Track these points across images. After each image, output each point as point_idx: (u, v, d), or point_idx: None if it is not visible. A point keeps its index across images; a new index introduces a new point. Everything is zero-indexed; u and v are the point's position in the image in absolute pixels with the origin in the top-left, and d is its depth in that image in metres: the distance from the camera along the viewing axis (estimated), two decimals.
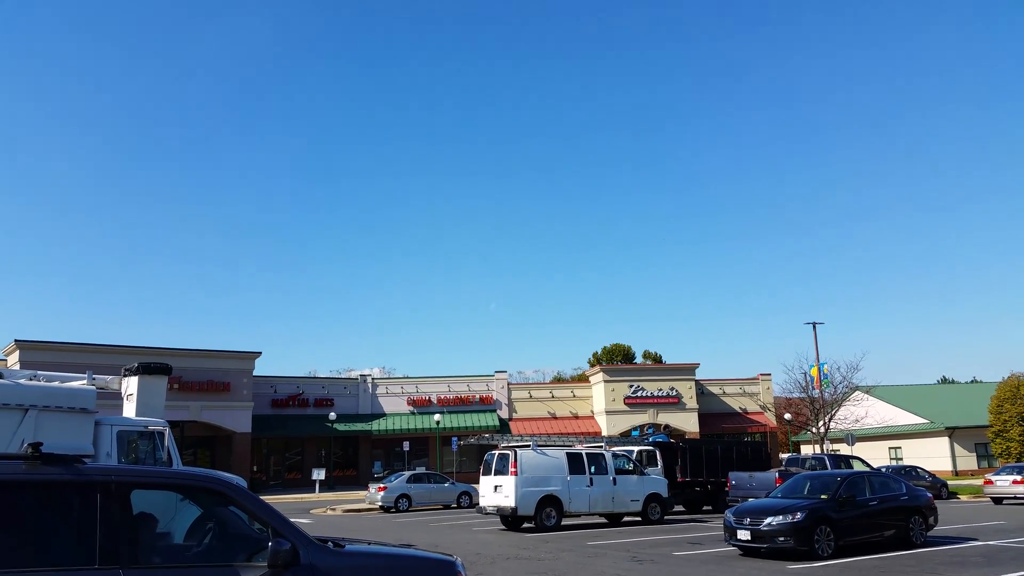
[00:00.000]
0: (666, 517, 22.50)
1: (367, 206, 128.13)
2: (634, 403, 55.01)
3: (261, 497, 4.73)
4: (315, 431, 50.63)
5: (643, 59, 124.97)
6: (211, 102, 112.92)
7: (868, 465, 28.24)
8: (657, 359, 69.83)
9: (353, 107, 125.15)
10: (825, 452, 36.79)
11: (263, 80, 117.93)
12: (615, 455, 22.58)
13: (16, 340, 40.71)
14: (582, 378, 64.47)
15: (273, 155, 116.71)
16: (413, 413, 53.89)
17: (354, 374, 63.96)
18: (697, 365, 57.41)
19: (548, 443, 26.64)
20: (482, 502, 21.26)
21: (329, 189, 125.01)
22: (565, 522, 20.97)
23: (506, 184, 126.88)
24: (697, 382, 57.44)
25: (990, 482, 28.64)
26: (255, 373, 48.41)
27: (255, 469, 48.49)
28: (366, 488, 33.81)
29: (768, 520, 13.75)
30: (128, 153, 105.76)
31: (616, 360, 69.82)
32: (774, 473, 24.31)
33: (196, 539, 4.59)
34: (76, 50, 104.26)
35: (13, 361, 39.84)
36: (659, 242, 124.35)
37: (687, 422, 54.89)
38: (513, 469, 19.97)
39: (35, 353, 39.31)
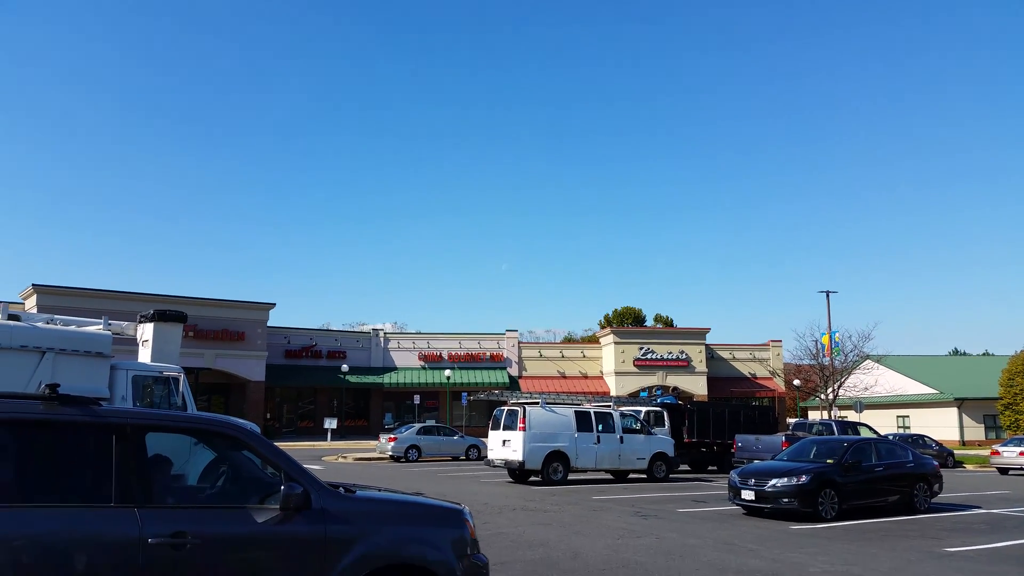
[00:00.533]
0: (671, 476, 22.76)
1: (383, 164, 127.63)
2: (643, 365, 55.26)
3: (274, 443, 4.80)
4: (328, 382, 51.33)
5: (663, 26, 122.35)
6: (221, 57, 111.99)
7: (875, 432, 28.33)
8: (668, 323, 69.83)
9: (366, 64, 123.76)
10: (833, 418, 36.90)
11: (273, 33, 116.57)
12: (623, 414, 22.73)
13: (34, 284, 41.17)
14: (592, 339, 64.66)
15: (288, 110, 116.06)
16: (424, 368, 54.39)
17: (367, 328, 64.48)
18: (708, 330, 57.44)
19: (557, 401, 26.86)
20: (490, 455, 21.56)
21: (345, 146, 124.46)
22: (571, 477, 21.26)
23: (520, 146, 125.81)
24: (707, 346, 57.54)
25: (997, 453, 28.73)
26: (269, 324, 48.84)
27: (268, 416, 49.26)
28: (377, 438, 34.28)
29: (773, 481, 13.87)
30: (142, 107, 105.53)
31: (627, 322, 69.85)
32: (781, 437, 24.44)
33: (210, 481, 4.68)
34: (86, 7, 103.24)
35: (30, 305, 40.38)
36: (674, 207, 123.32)
37: (696, 385, 55.17)
38: (522, 425, 20.20)
39: (52, 298, 39.81)
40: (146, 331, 15.48)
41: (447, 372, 49.61)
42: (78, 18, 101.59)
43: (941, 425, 49.25)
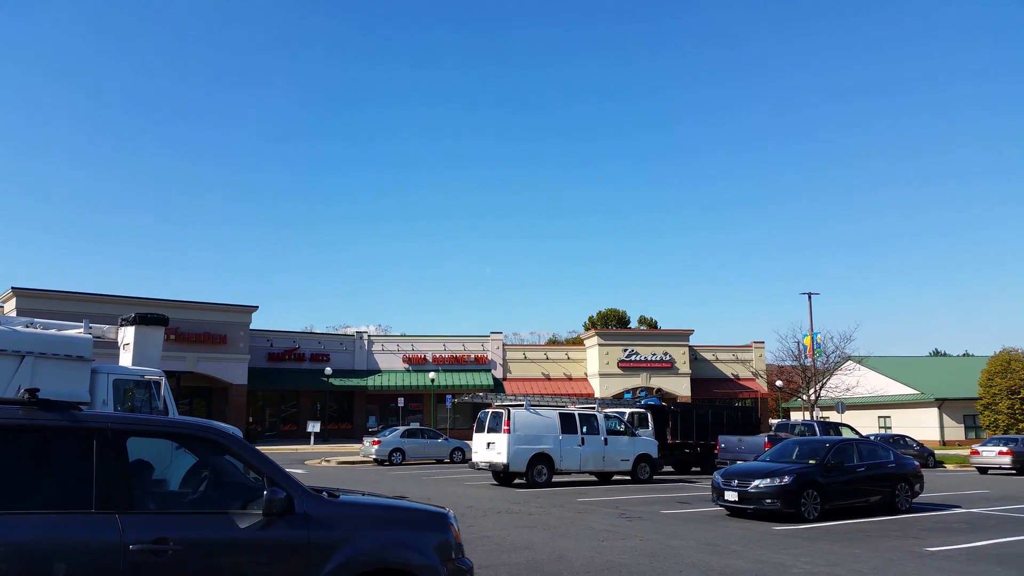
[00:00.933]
0: (655, 477, 22.85)
1: (366, 167, 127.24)
2: (627, 367, 55.40)
3: (256, 447, 4.76)
4: (311, 385, 51.08)
5: (646, 28, 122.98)
6: (207, 59, 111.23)
7: (857, 432, 28.59)
8: (652, 324, 70.16)
9: (350, 68, 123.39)
10: (815, 419, 37.21)
11: (260, 37, 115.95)
12: (607, 416, 22.74)
13: (13, 288, 40.64)
14: (577, 341, 64.79)
15: (272, 113, 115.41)
16: (408, 371, 54.23)
17: (350, 331, 64.24)
18: (691, 331, 57.78)
19: (541, 403, 26.86)
20: (475, 458, 21.56)
21: (328, 150, 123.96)
22: (556, 479, 21.29)
23: (504, 148, 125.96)
24: (691, 348, 57.82)
25: (976, 452, 29.09)
26: (252, 327, 48.52)
27: (251, 420, 48.90)
28: (360, 441, 34.02)
29: (756, 482, 13.96)
30: (125, 108, 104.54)
31: (611, 324, 70.09)
32: (763, 437, 24.60)
33: (191, 487, 4.63)
34: (69, 7, 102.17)
35: (10, 308, 39.84)
36: (656, 210, 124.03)
37: (679, 386, 55.41)
38: (506, 427, 20.17)
39: (32, 301, 39.29)
40: (127, 334, 15.34)
41: (431, 374, 49.51)
42: (60, 19, 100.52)
43: (922, 425, 49.80)
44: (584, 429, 21.31)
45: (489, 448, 20.72)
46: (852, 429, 29.25)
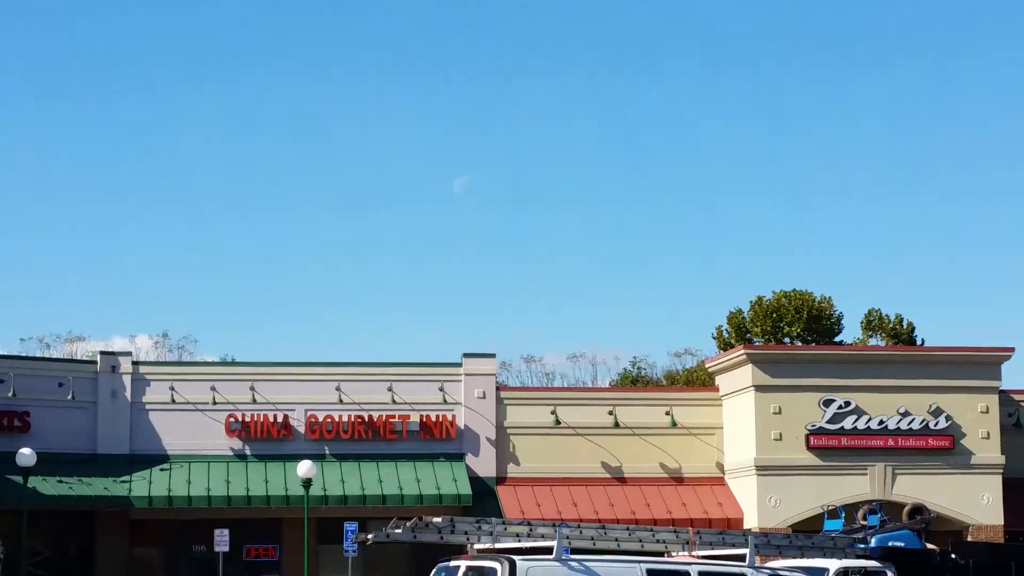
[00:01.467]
0: None
1: None
2: (833, 447, 26.75)
3: None
4: None
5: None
6: None
7: None
8: (898, 334, 34.08)
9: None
10: None
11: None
12: None
13: None
14: (692, 376, 37.10)
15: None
16: (243, 457, 26.23)
17: (87, 351, 37.79)
18: (1008, 352, 27.53)
19: (599, 544, 11.55)
20: None
21: None
22: None
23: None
24: (1004, 395, 27.91)
25: None
26: None
27: None
28: None
29: None
30: None
31: (784, 331, 36.06)
32: None
33: None
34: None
35: None
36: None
37: (972, 499, 27.18)
38: None
39: None
40: None
41: (304, 467, 23.22)
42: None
43: None
44: None
45: None
46: None
